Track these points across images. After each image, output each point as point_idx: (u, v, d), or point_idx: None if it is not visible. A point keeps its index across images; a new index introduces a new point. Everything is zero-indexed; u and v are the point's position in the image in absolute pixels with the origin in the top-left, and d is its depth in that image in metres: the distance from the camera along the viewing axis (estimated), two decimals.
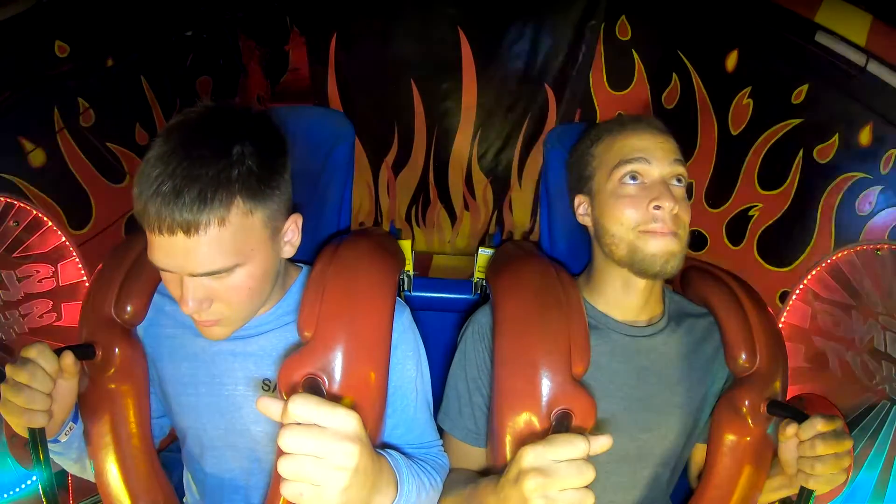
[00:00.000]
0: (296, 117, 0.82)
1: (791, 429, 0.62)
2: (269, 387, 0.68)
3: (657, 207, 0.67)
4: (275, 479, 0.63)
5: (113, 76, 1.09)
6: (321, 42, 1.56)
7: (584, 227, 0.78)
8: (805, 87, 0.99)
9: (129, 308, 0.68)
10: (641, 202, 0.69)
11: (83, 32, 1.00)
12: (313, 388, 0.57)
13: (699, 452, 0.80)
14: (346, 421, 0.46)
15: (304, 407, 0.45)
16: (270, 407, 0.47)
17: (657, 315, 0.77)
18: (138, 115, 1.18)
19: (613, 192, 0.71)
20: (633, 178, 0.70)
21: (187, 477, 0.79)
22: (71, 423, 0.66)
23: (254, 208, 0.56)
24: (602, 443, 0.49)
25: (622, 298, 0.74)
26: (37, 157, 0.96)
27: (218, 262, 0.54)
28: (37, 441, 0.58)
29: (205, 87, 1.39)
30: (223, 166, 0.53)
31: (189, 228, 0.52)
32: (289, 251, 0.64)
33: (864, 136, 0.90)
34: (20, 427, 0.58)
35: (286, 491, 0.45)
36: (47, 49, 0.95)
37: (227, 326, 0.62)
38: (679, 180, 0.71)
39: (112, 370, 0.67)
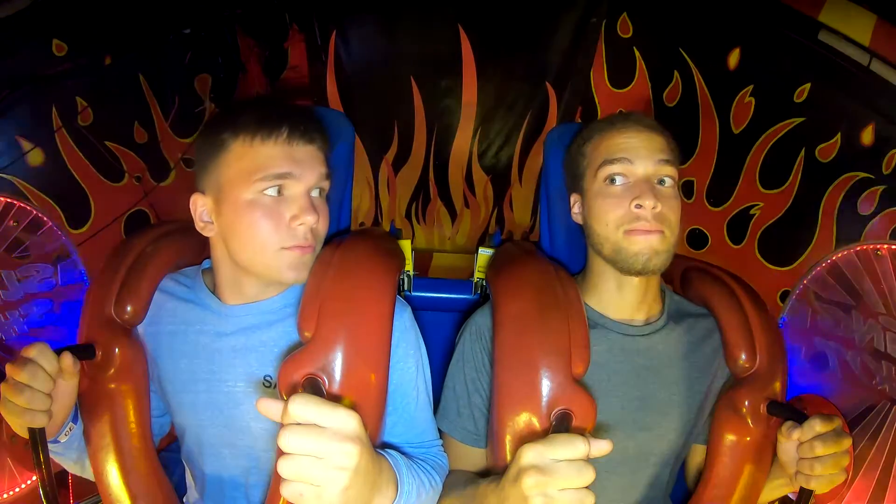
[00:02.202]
0: None
1: (791, 430, 0.62)
2: (269, 384, 0.68)
3: (638, 206, 0.67)
4: (275, 479, 0.64)
5: (111, 75, 1.09)
6: (320, 39, 1.55)
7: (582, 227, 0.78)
8: (807, 86, 0.99)
9: (129, 308, 0.68)
10: (624, 201, 0.68)
11: (81, 31, 0.99)
12: (313, 388, 0.57)
13: (697, 453, 0.80)
14: (346, 421, 0.46)
15: (304, 407, 0.45)
16: (270, 407, 0.47)
17: (655, 314, 0.77)
18: (137, 113, 1.18)
19: (599, 191, 0.71)
20: (616, 178, 0.70)
21: (188, 476, 0.79)
22: (71, 423, 0.66)
23: (326, 152, 0.69)
24: (601, 447, 0.49)
25: (617, 297, 0.74)
26: (35, 157, 0.95)
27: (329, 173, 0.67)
28: (37, 441, 0.58)
29: (203, 85, 1.38)
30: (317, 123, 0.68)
31: (320, 141, 0.66)
32: None
33: (867, 136, 0.90)
34: (20, 427, 0.58)
35: (286, 491, 0.45)
36: (45, 48, 0.95)
37: (310, 261, 0.65)
38: (664, 180, 0.70)
39: (112, 370, 0.67)
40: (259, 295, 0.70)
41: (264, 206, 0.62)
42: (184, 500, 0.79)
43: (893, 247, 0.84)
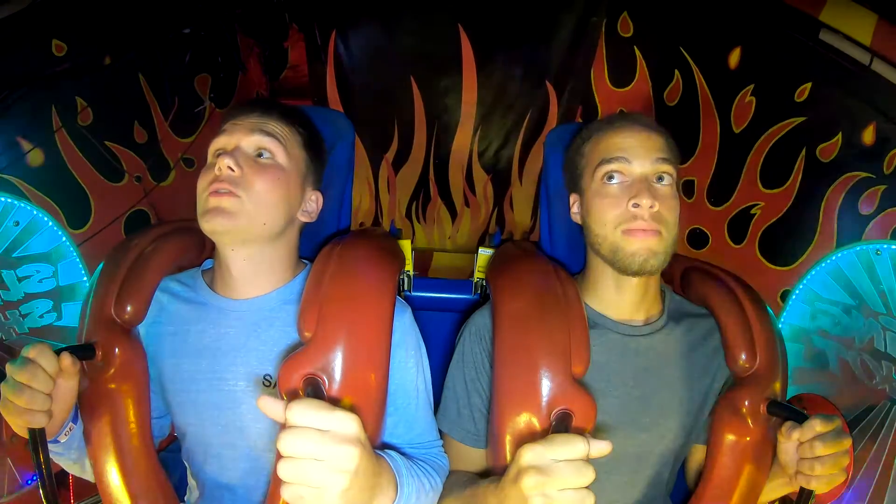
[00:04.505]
0: None
1: (791, 430, 0.62)
2: (269, 383, 0.68)
3: (635, 205, 0.67)
4: (274, 482, 0.63)
5: (111, 75, 1.09)
6: (320, 39, 1.55)
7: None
8: (808, 86, 0.99)
9: (129, 308, 0.68)
10: (622, 201, 0.68)
11: (80, 31, 1.00)
12: (313, 388, 0.57)
13: (697, 453, 0.80)
14: (345, 424, 0.46)
15: (303, 412, 0.45)
16: (271, 406, 0.47)
17: (655, 314, 0.76)
18: (136, 113, 1.18)
19: (597, 191, 0.71)
20: (613, 177, 0.70)
21: (188, 476, 0.79)
22: (71, 423, 0.66)
23: (303, 142, 0.73)
24: (601, 448, 0.49)
25: (616, 297, 0.74)
26: (35, 157, 0.95)
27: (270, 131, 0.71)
28: (37, 441, 0.58)
29: (203, 85, 1.38)
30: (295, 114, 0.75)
31: (270, 108, 0.72)
32: (304, 217, 0.74)
33: (868, 135, 0.90)
34: (20, 427, 0.58)
35: (286, 493, 0.45)
36: (44, 48, 0.95)
37: (238, 216, 0.65)
38: (662, 178, 0.70)
39: (112, 370, 0.66)
40: (257, 290, 0.71)
41: (220, 146, 0.70)
42: (184, 500, 0.79)
43: (894, 247, 0.84)
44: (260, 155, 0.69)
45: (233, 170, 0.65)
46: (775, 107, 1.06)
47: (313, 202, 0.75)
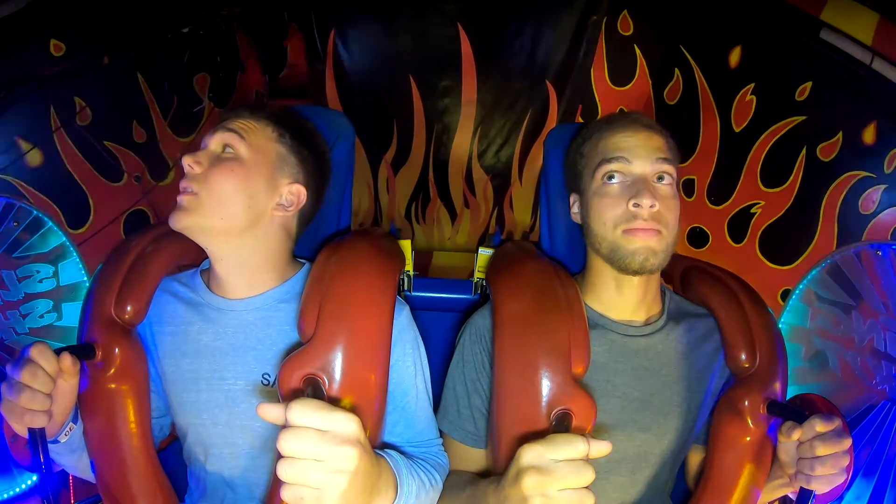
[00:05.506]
0: None
1: (791, 430, 0.62)
2: (268, 381, 0.68)
3: (636, 205, 0.67)
4: (274, 482, 0.64)
5: (109, 74, 1.09)
6: (319, 38, 1.55)
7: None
8: (809, 85, 0.99)
9: (129, 308, 0.68)
10: (622, 200, 0.68)
11: (78, 31, 1.00)
12: (314, 388, 0.57)
13: (697, 454, 0.80)
14: (345, 424, 0.46)
15: (303, 412, 0.45)
16: (271, 411, 0.47)
17: (655, 314, 0.76)
18: (135, 113, 1.18)
19: (597, 191, 0.71)
20: (613, 177, 0.70)
21: (188, 476, 0.79)
22: (71, 423, 0.66)
23: (276, 136, 0.71)
24: (601, 448, 0.49)
25: (616, 297, 0.74)
26: (34, 157, 0.95)
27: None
28: (37, 441, 0.58)
29: (202, 84, 1.38)
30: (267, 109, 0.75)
31: (240, 107, 0.73)
32: (280, 211, 0.70)
33: (869, 135, 0.90)
34: (20, 427, 0.58)
35: (286, 494, 0.45)
36: (42, 48, 0.94)
37: (194, 211, 0.65)
38: (662, 178, 0.70)
39: (112, 370, 0.67)
40: (252, 289, 0.71)
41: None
42: (184, 500, 0.79)
43: (894, 247, 0.83)
44: (224, 151, 0.69)
45: (192, 167, 0.67)
46: (776, 106, 1.06)
47: (292, 195, 0.71)
